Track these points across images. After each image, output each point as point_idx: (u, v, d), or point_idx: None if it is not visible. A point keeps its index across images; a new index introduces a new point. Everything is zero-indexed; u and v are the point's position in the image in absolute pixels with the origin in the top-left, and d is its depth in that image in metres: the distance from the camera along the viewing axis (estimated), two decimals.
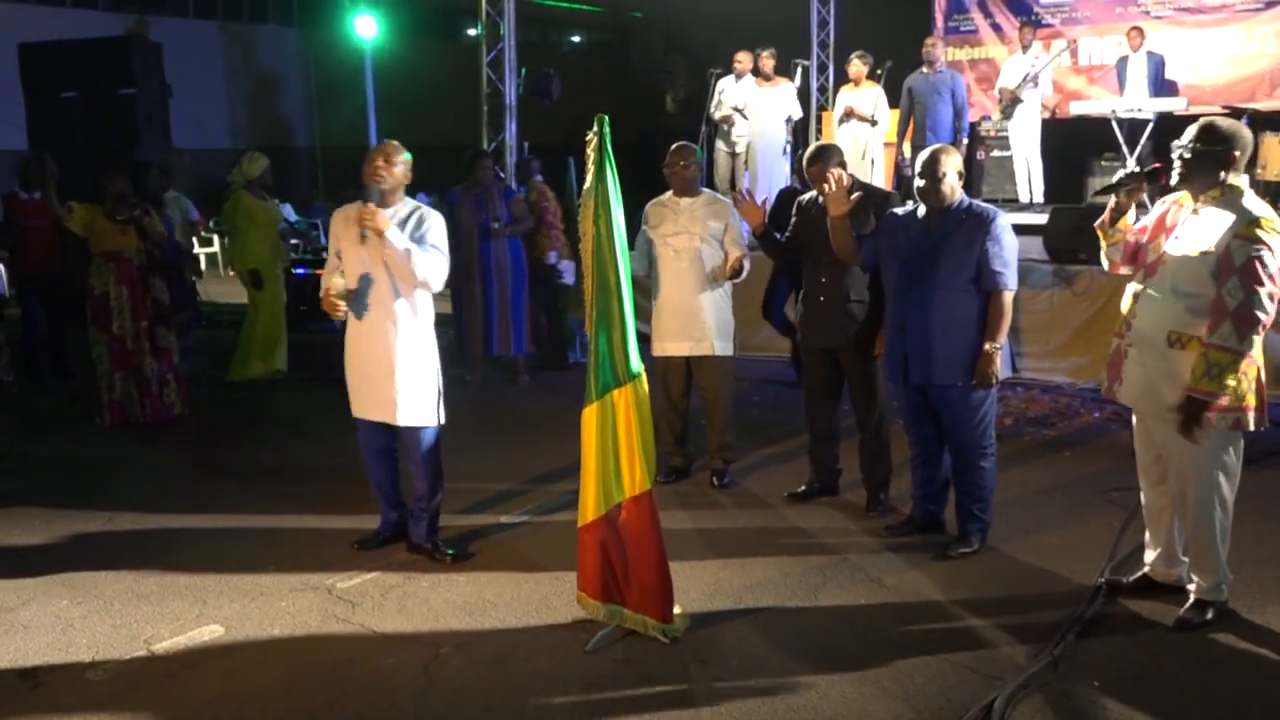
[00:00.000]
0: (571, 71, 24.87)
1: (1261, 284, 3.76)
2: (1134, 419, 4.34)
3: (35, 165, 8.49)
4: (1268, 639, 3.99)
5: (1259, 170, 10.19)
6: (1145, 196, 4.36)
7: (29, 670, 3.95)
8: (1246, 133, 3.97)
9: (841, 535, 5.14)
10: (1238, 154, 3.90)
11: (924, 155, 4.87)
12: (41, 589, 4.68)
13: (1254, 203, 3.88)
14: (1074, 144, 11.69)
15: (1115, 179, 4.23)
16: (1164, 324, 3.99)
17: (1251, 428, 3.97)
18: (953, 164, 4.80)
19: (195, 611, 4.43)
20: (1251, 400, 3.94)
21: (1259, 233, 3.77)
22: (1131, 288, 4.18)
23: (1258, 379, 3.95)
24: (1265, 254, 3.76)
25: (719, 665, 3.88)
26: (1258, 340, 3.86)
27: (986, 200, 11.70)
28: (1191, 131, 3.98)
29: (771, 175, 10.00)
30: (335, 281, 4.70)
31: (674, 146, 5.68)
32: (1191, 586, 4.18)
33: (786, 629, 4.16)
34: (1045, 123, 11.38)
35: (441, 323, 4.65)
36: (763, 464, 6.29)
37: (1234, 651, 3.92)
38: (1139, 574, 4.43)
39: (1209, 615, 4.08)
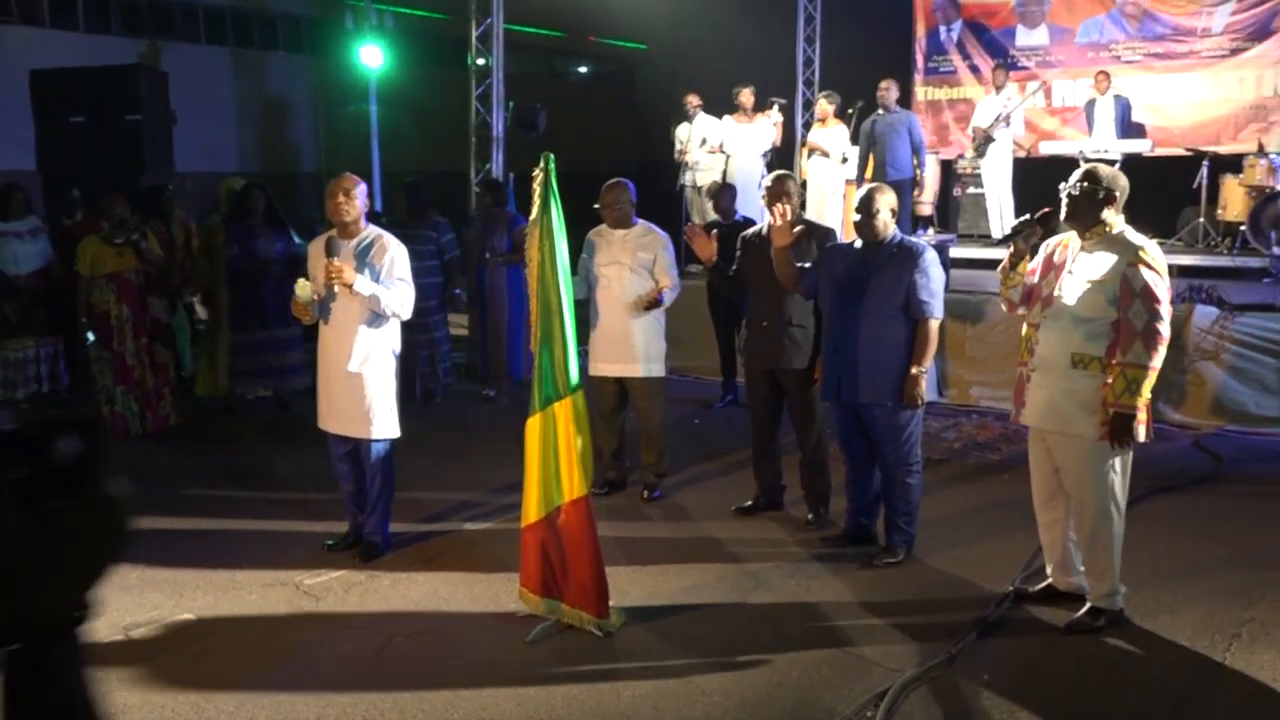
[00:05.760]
0: (576, 102, 25.43)
1: (1160, 302, 4.21)
2: (1030, 441, 4.71)
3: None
4: (1153, 644, 4.34)
5: (1220, 210, 10.61)
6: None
7: None
8: (1123, 178, 4.43)
9: (778, 546, 5.49)
10: (1116, 195, 4.34)
11: (861, 193, 5.30)
12: None
13: (1135, 236, 4.33)
14: (1046, 182, 12.06)
15: (1012, 227, 4.65)
16: (1066, 348, 4.39)
17: (1142, 439, 4.37)
18: (886, 202, 5.21)
19: (172, 602, 4.81)
20: (1144, 415, 4.33)
21: (1146, 259, 4.21)
22: (1030, 321, 4.59)
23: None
24: (1155, 277, 4.22)
25: (645, 656, 4.24)
26: (1163, 353, 4.24)
27: (962, 235, 12.17)
28: (1076, 175, 4.42)
29: (748, 209, 10.40)
30: (302, 291, 5.11)
31: (607, 184, 6.07)
32: (1089, 595, 4.53)
33: (712, 626, 4.53)
34: (1019, 161, 11.79)
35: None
36: (711, 478, 6.65)
37: (1120, 652, 4.27)
38: (1044, 584, 4.78)
39: (1100, 621, 4.43)
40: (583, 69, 33.09)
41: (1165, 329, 4.22)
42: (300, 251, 8.15)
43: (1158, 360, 4.23)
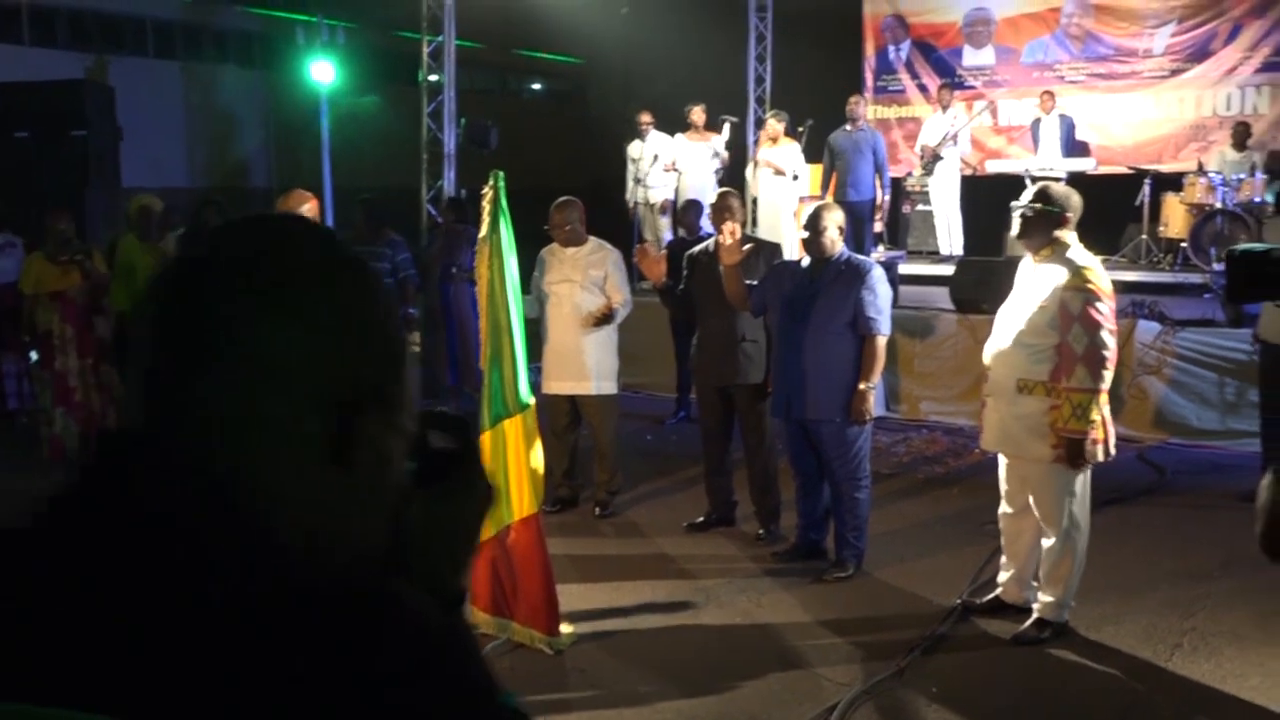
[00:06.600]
0: (530, 119, 25.41)
1: (1099, 326, 4.23)
2: (999, 456, 4.76)
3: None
4: (1097, 654, 4.41)
5: (1161, 228, 10.82)
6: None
7: None
8: (1076, 197, 4.47)
9: (730, 562, 5.52)
10: (1069, 215, 4.38)
11: (809, 210, 5.36)
12: None
13: (1079, 255, 4.36)
14: (994, 200, 12.25)
15: None
16: (1013, 373, 4.44)
17: (1100, 459, 4.41)
18: (833, 219, 5.26)
19: None
20: (1100, 434, 4.38)
21: (1086, 284, 4.25)
22: (988, 344, 4.64)
23: (1101, 415, 4.40)
24: (1095, 300, 4.24)
25: (597, 674, 4.24)
26: (1109, 375, 4.30)
27: (911, 252, 12.31)
28: (1029, 193, 4.47)
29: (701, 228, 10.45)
30: None
31: (555, 204, 6.08)
32: (1036, 606, 4.59)
33: (664, 643, 4.54)
34: (966, 179, 11.96)
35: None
36: (663, 494, 6.67)
37: (1064, 663, 4.33)
38: (992, 595, 4.84)
39: (1046, 633, 4.48)
40: (536, 86, 33.14)
41: (1108, 351, 4.24)
42: None
43: (1104, 383, 4.26)
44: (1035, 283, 4.40)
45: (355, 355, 0.84)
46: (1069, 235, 4.42)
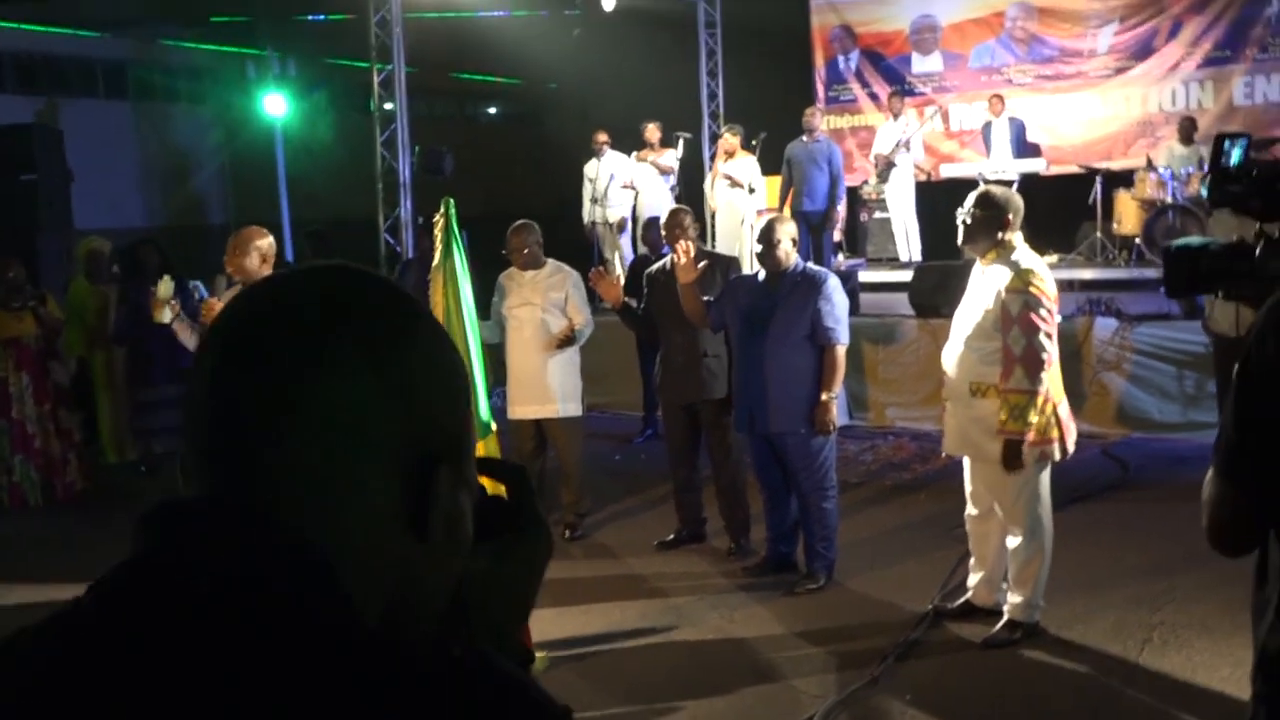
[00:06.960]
0: (485, 143, 25.35)
1: (1037, 329, 4.26)
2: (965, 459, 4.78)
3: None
4: (1068, 652, 4.43)
5: (1115, 225, 10.94)
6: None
7: None
8: (1018, 199, 4.51)
9: (701, 578, 5.51)
10: (1010, 217, 4.41)
11: (762, 224, 5.39)
12: None
13: (1024, 256, 4.39)
14: (949, 204, 12.34)
15: None
16: (965, 376, 4.47)
17: (1056, 458, 4.44)
18: (787, 232, 5.30)
19: None
20: (1054, 433, 4.40)
21: (1027, 287, 4.28)
22: (945, 349, 4.67)
23: (1055, 414, 4.42)
24: (1035, 302, 4.27)
25: (571, 699, 4.12)
26: (1046, 378, 4.32)
27: (871, 260, 12.39)
28: (971, 199, 4.49)
29: (664, 245, 10.48)
30: (163, 289, 5.09)
31: (512, 228, 6.08)
32: (1006, 608, 4.60)
33: (638, 665, 4.52)
34: (921, 185, 12.08)
35: None
36: (633, 513, 6.66)
37: (1037, 664, 4.35)
38: (962, 599, 4.85)
39: (1017, 634, 4.50)
40: (491, 110, 33.09)
41: (1045, 354, 4.25)
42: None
43: (1041, 384, 4.27)
44: (982, 286, 4.44)
45: (435, 409, 0.80)
46: (1015, 237, 4.45)
